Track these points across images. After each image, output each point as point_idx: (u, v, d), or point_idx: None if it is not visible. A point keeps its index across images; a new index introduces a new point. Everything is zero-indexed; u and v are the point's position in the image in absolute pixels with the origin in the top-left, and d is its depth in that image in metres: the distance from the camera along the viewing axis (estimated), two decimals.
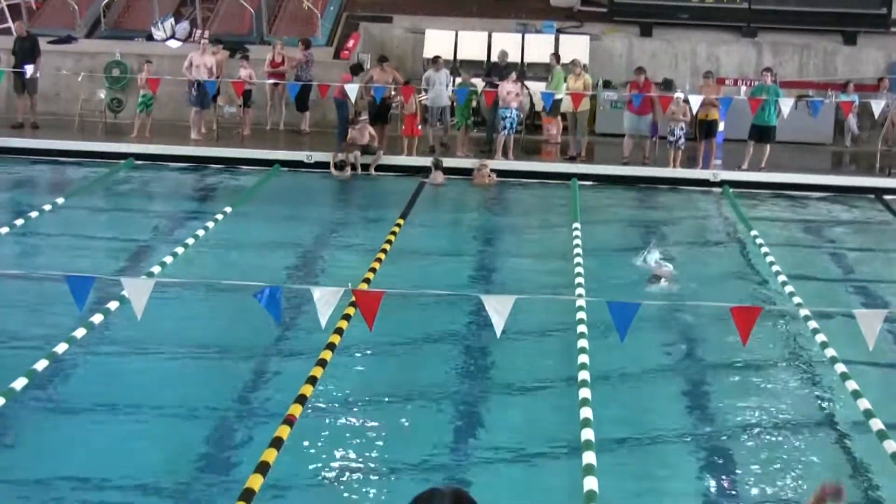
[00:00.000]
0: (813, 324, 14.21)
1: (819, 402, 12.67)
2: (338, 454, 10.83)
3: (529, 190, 23.22)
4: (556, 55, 25.82)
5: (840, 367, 12.80)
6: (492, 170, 23.29)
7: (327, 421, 11.53)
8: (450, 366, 13.27)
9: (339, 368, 12.65)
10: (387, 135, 24.67)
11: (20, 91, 25.55)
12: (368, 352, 13.42)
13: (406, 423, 11.75)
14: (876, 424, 11.29)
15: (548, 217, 21.13)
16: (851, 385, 12.29)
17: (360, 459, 10.78)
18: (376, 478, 10.49)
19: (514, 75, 24.35)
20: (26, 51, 25.52)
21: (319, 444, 10.98)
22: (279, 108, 26.58)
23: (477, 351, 13.74)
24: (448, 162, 23.65)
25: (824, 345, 13.52)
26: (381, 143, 24.09)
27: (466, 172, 23.34)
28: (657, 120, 24.48)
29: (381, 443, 11.16)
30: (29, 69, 25.14)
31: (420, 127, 24.39)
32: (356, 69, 25.05)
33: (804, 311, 14.61)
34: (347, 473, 10.49)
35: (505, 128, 23.89)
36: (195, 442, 11.01)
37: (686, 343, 14.46)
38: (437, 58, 25.24)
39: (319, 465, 10.59)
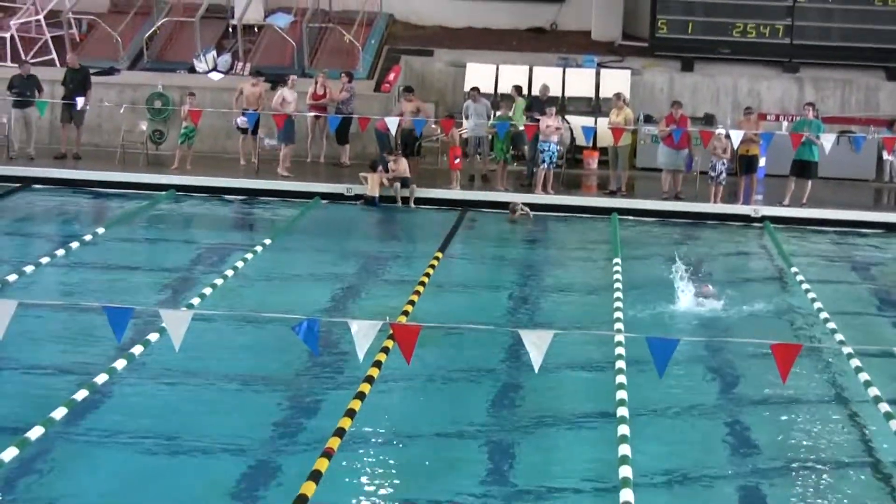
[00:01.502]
0: (855, 362, 14.05)
1: (861, 441, 12.50)
2: (376, 487, 10.78)
3: (570, 224, 23.17)
4: (518, 87, 25.80)
5: (884, 407, 12.65)
6: (524, 204, 23.18)
7: (366, 454, 11.49)
8: (487, 400, 13.21)
9: (377, 401, 12.61)
10: (417, 167, 24.72)
11: (67, 121, 25.75)
12: (406, 385, 13.38)
13: (444, 458, 11.68)
14: None
15: (588, 252, 21.05)
16: (895, 425, 12.14)
17: (398, 493, 10.73)
18: None
19: (553, 109, 24.33)
20: (78, 82, 25.74)
21: (358, 477, 10.94)
22: (320, 140, 26.65)
23: (514, 385, 13.67)
24: (486, 196, 23.72)
25: (867, 383, 13.37)
26: (411, 175, 24.12)
27: (505, 207, 23.32)
28: (694, 154, 24.43)
29: (419, 476, 11.10)
30: (80, 101, 25.35)
31: (458, 160, 24.35)
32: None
33: (846, 349, 14.46)
34: None
35: (544, 161, 23.85)
36: (233, 473, 10.98)
37: (725, 380, 14.33)
38: (475, 89, 25.29)
39: (358, 498, 10.54)
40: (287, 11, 29.85)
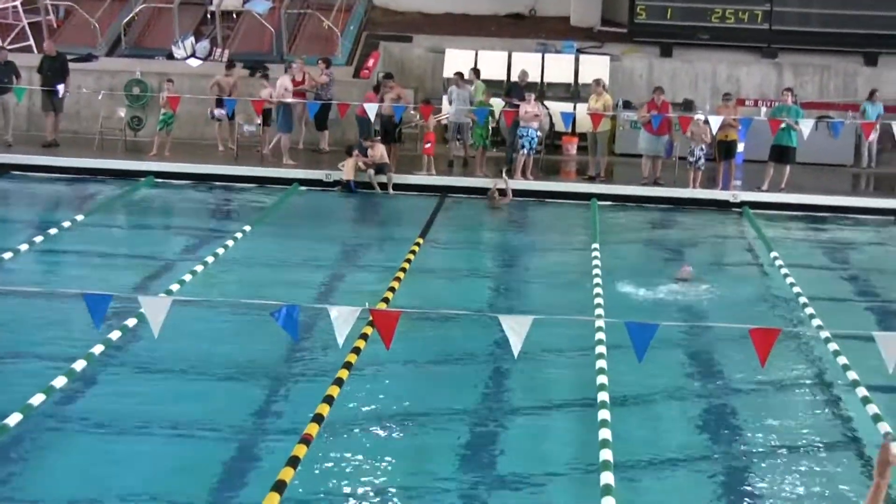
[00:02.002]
0: (833, 346, 14.11)
1: (839, 425, 12.56)
2: (354, 474, 10.78)
3: (549, 210, 23.19)
4: (476, 70, 25.82)
5: (861, 391, 12.71)
6: (501, 190, 23.14)
7: (344, 440, 11.48)
8: (467, 386, 13.21)
9: (355, 387, 12.61)
10: (396, 153, 24.71)
11: (49, 109, 25.63)
12: (385, 371, 13.37)
13: (422, 444, 11.70)
14: None
15: (567, 237, 21.08)
16: (872, 408, 12.20)
17: (377, 479, 10.74)
18: (392, 498, 10.43)
19: (532, 95, 24.32)
20: (56, 70, 25.63)
21: (336, 463, 10.93)
22: (299, 126, 26.59)
23: (494, 371, 13.68)
24: (466, 182, 23.74)
25: (845, 367, 13.42)
26: (391, 161, 24.08)
27: (485, 192, 23.32)
28: (675, 140, 24.46)
29: (397, 463, 11.10)
30: (60, 89, 25.24)
31: (428, 146, 24.32)
32: (378, 89, 25.07)
33: (824, 334, 14.51)
34: (363, 493, 10.43)
35: (524, 146, 23.85)
36: (211, 460, 10.97)
37: (705, 365, 14.37)
38: (458, 74, 25.23)
39: (336, 484, 10.54)
40: None
